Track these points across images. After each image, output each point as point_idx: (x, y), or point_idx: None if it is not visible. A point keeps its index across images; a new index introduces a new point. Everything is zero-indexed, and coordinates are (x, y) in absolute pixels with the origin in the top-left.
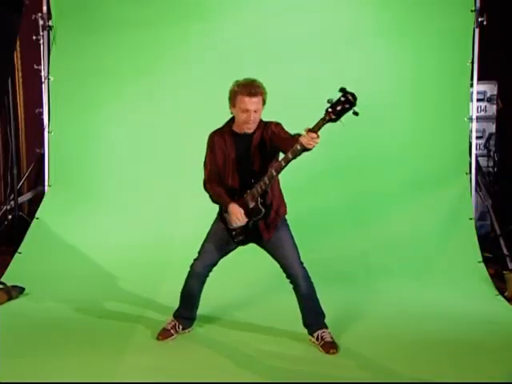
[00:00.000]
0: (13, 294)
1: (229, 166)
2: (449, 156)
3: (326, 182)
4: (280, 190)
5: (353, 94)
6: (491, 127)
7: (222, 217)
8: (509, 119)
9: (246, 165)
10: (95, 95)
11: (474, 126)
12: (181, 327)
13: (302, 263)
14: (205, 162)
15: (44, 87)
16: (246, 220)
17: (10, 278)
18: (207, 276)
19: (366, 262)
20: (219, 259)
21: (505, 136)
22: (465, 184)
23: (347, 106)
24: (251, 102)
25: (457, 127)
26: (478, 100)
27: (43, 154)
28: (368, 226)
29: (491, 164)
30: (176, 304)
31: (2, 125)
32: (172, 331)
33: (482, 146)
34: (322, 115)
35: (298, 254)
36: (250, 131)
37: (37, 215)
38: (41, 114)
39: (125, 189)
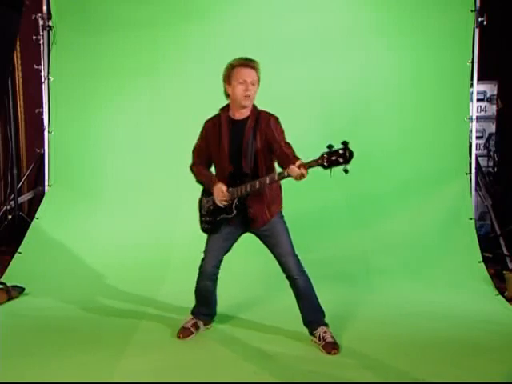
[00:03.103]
0: (13, 294)
1: (222, 153)
2: (449, 156)
3: (325, 182)
4: (279, 187)
5: (351, 153)
6: (491, 127)
7: (201, 199)
8: (509, 119)
9: (238, 152)
10: (95, 95)
11: (474, 126)
12: (202, 323)
13: (296, 256)
14: (194, 148)
15: (44, 87)
16: (228, 197)
17: (10, 278)
18: (218, 273)
19: (366, 262)
20: (224, 254)
21: (505, 136)
22: (465, 184)
23: (341, 160)
24: (248, 73)
25: (457, 127)
26: (478, 100)
27: (43, 154)
28: (368, 226)
29: (491, 164)
30: (177, 303)
31: (2, 125)
32: (192, 329)
33: (482, 146)
34: (317, 156)
35: (293, 248)
36: (248, 105)
37: (37, 215)
38: (41, 113)
39: (125, 189)
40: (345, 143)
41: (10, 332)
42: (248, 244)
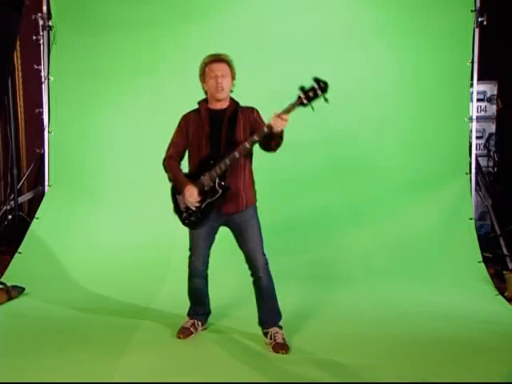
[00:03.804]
0: (13, 294)
1: (203, 140)
2: (449, 156)
3: (325, 182)
4: (252, 179)
5: (325, 82)
6: (491, 127)
7: (174, 197)
8: (509, 119)
9: (217, 139)
10: (95, 95)
11: (474, 126)
12: (200, 323)
13: (265, 256)
14: (171, 142)
15: (44, 87)
16: (198, 200)
17: (10, 278)
18: (207, 269)
19: (366, 262)
20: (210, 249)
21: (505, 136)
22: (465, 184)
23: (319, 92)
24: (218, 67)
25: (457, 127)
26: (478, 100)
27: (43, 154)
28: (368, 226)
29: (491, 164)
30: (177, 303)
31: (2, 125)
32: (192, 329)
33: (482, 146)
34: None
35: (262, 247)
36: (222, 97)
37: (37, 215)
38: (41, 114)
39: (125, 189)
40: (315, 78)
41: (9, 332)
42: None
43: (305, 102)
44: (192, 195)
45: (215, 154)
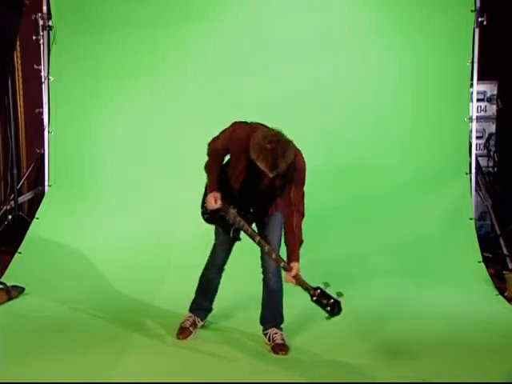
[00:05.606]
0: (13, 294)
1: (238, 177)
2: (449, 156)
3: (325, 182)
4: None
5: (339, 311)
6: (491, 127)
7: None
8: (509, 119)
9: (253, 184)
10: (95, 95)
11: (474, 126)
12: (199, 320)
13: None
14: (220, 137)
15: (44, 87)
16: (218, 206)
17: (10, 278)
18: (225, 264)
19: (366, 262)
20: (233, 245)
21: (505, 136)
22: (465, 184)
23: (328, 309)
24: (272, 174)
25: (457, 127)
26: (478, 100)
27: (43, 154)
28: (368, 226)
29: (491, 164)
30: (177, 304)
31: (2, 125)
32: (191, 329)
33: (481, 146)
34: (310, 284)
35: (280, 246)
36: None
37: (37, 215)
38: (41, 113)
39: (125, 189)
40: (340, 296)
41: (9, 332)
42: (244, 243)
43: (314, 299)
44: (212, 203)
45: (258, 192)
